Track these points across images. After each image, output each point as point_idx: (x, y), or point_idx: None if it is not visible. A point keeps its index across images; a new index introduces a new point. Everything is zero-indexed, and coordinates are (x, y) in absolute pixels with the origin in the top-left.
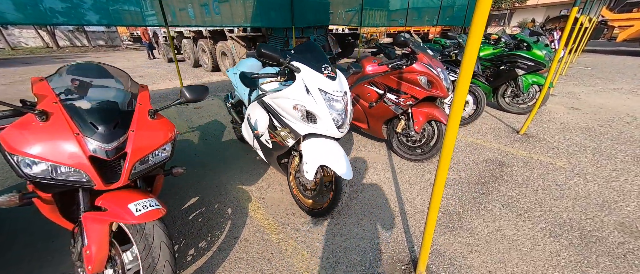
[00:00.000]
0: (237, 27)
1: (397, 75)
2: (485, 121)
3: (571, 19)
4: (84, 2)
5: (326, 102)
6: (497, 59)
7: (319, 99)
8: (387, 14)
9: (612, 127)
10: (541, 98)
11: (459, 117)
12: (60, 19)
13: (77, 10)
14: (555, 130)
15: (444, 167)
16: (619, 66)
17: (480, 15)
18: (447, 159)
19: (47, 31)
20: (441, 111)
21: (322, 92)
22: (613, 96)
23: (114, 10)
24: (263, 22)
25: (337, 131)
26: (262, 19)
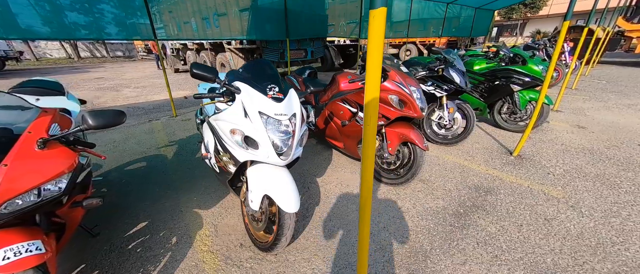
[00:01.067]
0: (233, 39)
1: None
2: (478, 139)
3: (563, 32)
4: (104, 16)
5: (268, 126)
6: (491, 74)
7: (257, 122)
8: (390, 25)
9: (621, 150)
10: (534, 117)
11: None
12: (82, 33)
13: (98, 24)
14: (554, 152)
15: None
16: (637, 80)
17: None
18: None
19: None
20: (416, 133)
21: (263, 115)
22: (626, 114)
23: (131, 23)
24: (258, 35)
25: (278, 158)
26: (257, 32)
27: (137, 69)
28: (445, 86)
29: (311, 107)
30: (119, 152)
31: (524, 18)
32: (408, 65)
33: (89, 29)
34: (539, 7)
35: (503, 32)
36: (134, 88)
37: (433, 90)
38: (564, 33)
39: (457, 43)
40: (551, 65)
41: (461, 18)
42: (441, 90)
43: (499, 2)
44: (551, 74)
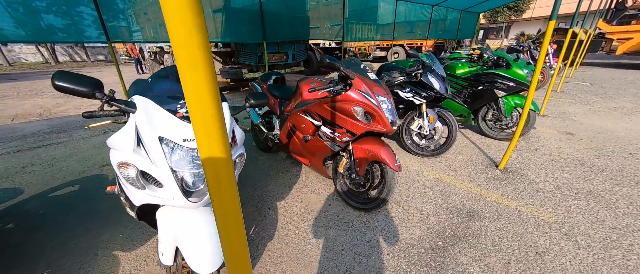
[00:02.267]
0: (218, 42)
1: (330, 104)
2: (462, 149)
3: (549, 33)
4: (84, 19)
5: (172, 157)
6: (475, 79)
7: (155, 153)
8: (376, 28)
9: (612, 160)
10: (520, 127)
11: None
12: (60, 36)
13: (77, 27)
14: (542, 163)
15: None
16: (620, 81)
17: None
18: None
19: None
20: (387, 150)
21: (167, 142)
22: (613, 117)
23: (111, 26)
24: (232, 38)
25: (185, 200)
26: (232, 34)
27: (114, 73)
28: (424, 92)
29: (276, 118)
30: (52, 172)
31: (509, 21)
32: (386, 70)
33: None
34: (522, 10)
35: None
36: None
37: (411, 97)
38: (549, 33)
39: (444, 45)
40: (537, 68)
41: (447, 21)
42: (420, 97)
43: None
44: (537, 78)
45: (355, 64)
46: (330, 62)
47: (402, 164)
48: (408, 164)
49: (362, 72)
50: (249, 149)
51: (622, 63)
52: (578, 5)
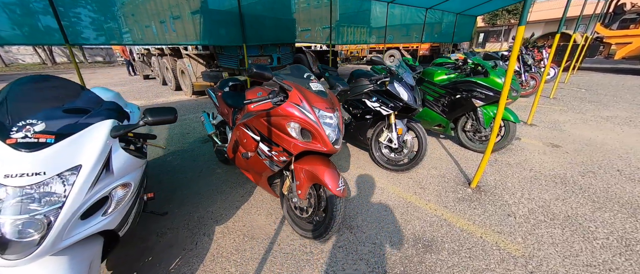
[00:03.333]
0: (187, 44)
1: (266, 118)
2: (436, 162)
3: (519, 38)
4: (81, 21)
5: None
6: (453, 87)
7: None
8: (369, 31)
9: (597, 178)
10: (491, 142)
11: None
12: (56, 37)
13: (71, 29)
14: (520, 181)
15: None
16: (617, 88)
17: None
18: None
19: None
20: (331, 172)
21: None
22: (604, 128)
23: (108, 27)
24: (211, 40)
25: None
26: (211, 37)
27: (107, 76)
28: (391, 102)
29: (229, 129)
30: None
31: (508, 24)
32: (356, 76)
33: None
34: None
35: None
36: None
37: (378, 107)
38: (519, 38)
39: (440, 49)
40: (507, 78)
41: (443, 24)
42: (387, 107)
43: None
44: (507, 89)
45: (300, 71)
46: (258, 71)
47: (369, 180)
48: (375, 179)
49: (303, 81)
50: (209, 161)
51: (621, 68)
52: (565, 9)
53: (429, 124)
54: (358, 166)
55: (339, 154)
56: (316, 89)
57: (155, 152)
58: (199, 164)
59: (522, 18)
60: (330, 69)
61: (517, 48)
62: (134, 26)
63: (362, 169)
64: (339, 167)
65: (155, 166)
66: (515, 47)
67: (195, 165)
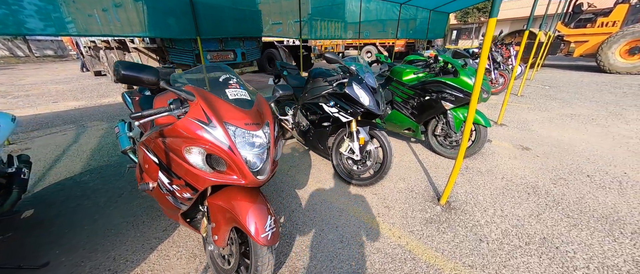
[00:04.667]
0: (132, 36)
1: (162, 138)
2: (405, 173)
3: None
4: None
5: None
6: (421, 87)
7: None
8: (344, 26)
9: (570, 186)
10: (461, 153)
11: None
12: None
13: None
14: (492, 192)
15: None
16: (577, 84)
17: None
18: None
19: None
20: (257, 212)
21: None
22: (569, 127)
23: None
24: (158, 32)
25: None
26: (157, 28)
27: (53, 72)
28: (350, 107)
29: None
30: None
31: (479, 22)
32: (313, 76)
33: None
34: None
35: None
36: (13, 98)
37: (336, 113)
38: (490, 32)
39: (415, 45)
40: (477, 79)
41: (417, 20)
42: (346, 113)
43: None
44: (478, 91)
45: (217, 71)
46: (127, 73)
47: (327, 199)
48: (335, 197)
49: (217, 86)
50: None
51: (579, 65)
52: (533, 8)
53: (398, 128)
54: (318, 180)
55: (298, 165)
56: (235, 97)
57: (67, 170)
58: (121, 184)
59: (493, 10)
60: (290, 67)
61: (488, 44)
62: (71, 13)
63: (322, 184)
64: (295, 183)
65: (63, 190)
66: (486, 43)
67: (115, 186)
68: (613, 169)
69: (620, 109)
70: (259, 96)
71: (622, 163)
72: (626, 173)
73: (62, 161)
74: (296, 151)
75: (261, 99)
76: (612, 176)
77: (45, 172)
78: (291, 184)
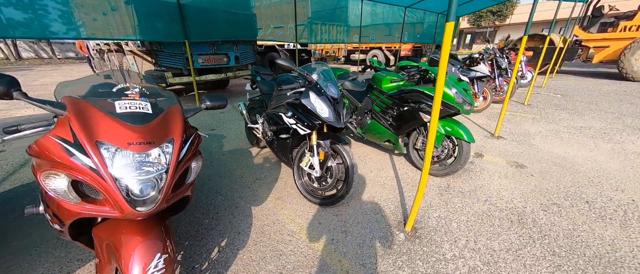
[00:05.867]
0: (123, 39)
1: None
2: (377, 191)
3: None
4: (49, 13)
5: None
6: (399, 97)
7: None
8: (347, 30)
9: (563, 215)
10: (425, 174)
11: None
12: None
13: (42, 22)
14: (469, 219)
15: None
16: (594, 93)
17: None
18: None
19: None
20: (145, 249)
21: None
22: (576, 142)
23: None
24: (146, 35)
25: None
26: (146, 31)
27: (67, 74)
28: (307, 119)
29: None
30: None
31: (493, 26)
32: (278, 83)
33: None
34: (505, 15)
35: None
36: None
37: (294, 124)
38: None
39: (422, 50)
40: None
41: (425, 24)
42: (303, 125)
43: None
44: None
45: (104, 83)
46: None
47: (281, 219)
48: (291, 218)
49: (110, 96)
50: None
51: (598, 72)
52: (531, 11)
53: (378, 139)
54: (279, 196)
55: (264, 178)
56: (126, 110)
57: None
58: None
59: (449, 15)
60: (265, 72)
61: (446, 53)
62: (100, 19)
63: (282, 200)
64: (254, 198)
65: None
66: (444, 48)
67: None
68: (619, 195)
69: (639, 122)
70: (172, 109)
71: (631, 188)
72: (634, 200)
73: (28, 165)
74: (268, 162)
75: (174, 111)
76: (617, 203)
77: (6, 177)
78: (249, 199)
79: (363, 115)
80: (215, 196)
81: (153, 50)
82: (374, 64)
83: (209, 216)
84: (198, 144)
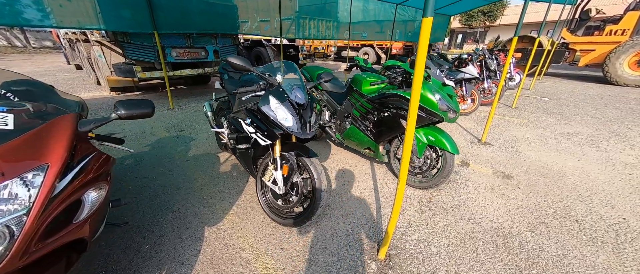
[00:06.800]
0: (78, 29)
1: None
2: (351, 206)
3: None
4: None
5: None
6: (379, 101)
7: None
8: (336, 26)
9: (551, 236)
10: (402, 182)
11: None
12: None
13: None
14: (450, 243)
15: None
16: (580, 97)
17: None
18: None
19: None
20: None
21: None
22: (563, 150)
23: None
24: (109, 24)
25: None
26: (108, 20)
27: (38, 64)
28: (267, 128)
29: None
30: None
31: (484, 26)
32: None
33: None
34: (496, 16)
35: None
36: None
37: (253, 133)
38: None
39: (413, 49)
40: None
41: (416, 22)
42: (263, 135)
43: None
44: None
45: None
46: None
47: (238, 242)
48: (250, 240)
49: None
50: None
51: (585, 75)
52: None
53: (357, 146)
54: (240, 213)
55: (227, 190)
56: None
57: None
58: None
59: (426, 10)
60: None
61: (423, 52)
62: (64, 6)
63: (243, 219)
64: (211, 215)
65: None
66: (421, 47)
67: None
68: (609, 211)
69: (626, 128)
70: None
71: (621, 203)
72: (625, 219)
73: None
74: (236, 170)
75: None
76: (608, 222)
77: None
78: (205, 217)
79: (342, 119)
80: (165, 214)
81: (118, 42)
82: (360, 62)
83: (150, 240)
84: (102, 168)
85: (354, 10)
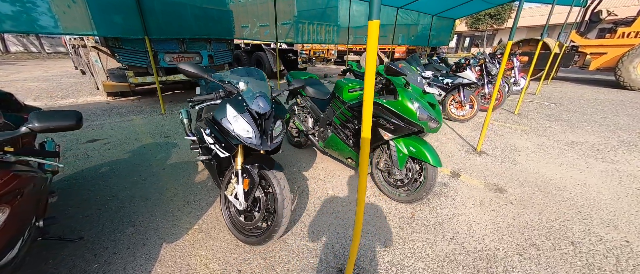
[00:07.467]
0: (72, 35)
1: None
2: (326, 221)
3: None
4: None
5: None
6: (358, 108)
7: None
8: (337, 30)
9: (541, 263)
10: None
11: None
12: None
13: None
14: (427, 267)
15: None
16: (589, 102)
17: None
18: None
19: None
20: None
21: None
22: (565, 160)
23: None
24: (100, 30)
25: None
26: (100, 25)
27: (47, 69)
28: (224, 140)
29: None
30: None
31: (491, 29)
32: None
33: None
34: (503, 19)
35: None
36: None
37: (212, 144)
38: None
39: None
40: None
41: (419, 26)
42: (221, 147)
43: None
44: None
45: None
46: None
47: (195, 262)
48: (209, 259)
49: None
50: None
51: (595, 79)
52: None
53: (339, 155)
54: (203, 229)
55: (196, 202)
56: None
57: None
58: None
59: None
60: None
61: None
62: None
63: (205, 235)
64: (173, 231)
65: None
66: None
67: None
68: (611, 232)
69: (637, 137)
70: None
71: (625, 223)
72: (629, 242)
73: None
74: (211, 179)
75: None
76: (608, 245)
77: None
78: (165, 233)
79: (325, 126)
80: (125, 228)
81: (108, 46)
82: (353, 67)
83: (101, 258)
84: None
85: (354, 14)
